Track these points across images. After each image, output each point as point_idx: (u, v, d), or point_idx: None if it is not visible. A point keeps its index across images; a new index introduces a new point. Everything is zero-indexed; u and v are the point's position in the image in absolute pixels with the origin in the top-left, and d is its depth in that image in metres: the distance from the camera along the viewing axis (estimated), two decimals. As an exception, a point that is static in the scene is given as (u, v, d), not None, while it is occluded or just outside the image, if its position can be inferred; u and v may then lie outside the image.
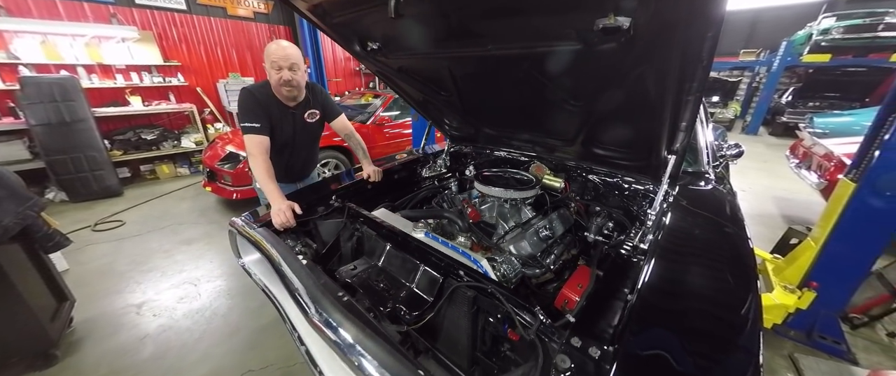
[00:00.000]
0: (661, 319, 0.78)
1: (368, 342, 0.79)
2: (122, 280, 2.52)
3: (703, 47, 0.62)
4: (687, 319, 0.78)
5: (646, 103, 0.93)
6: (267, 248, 1.21)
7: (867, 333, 2.05)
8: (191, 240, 3.10)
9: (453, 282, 1.01)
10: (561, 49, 0.85)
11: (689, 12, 0.58)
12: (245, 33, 5.71)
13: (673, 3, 0.60)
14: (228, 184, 3.45)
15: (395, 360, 0.72)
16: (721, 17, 0.54)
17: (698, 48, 0.63)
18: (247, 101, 1.58)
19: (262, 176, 1.48)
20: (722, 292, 0.87)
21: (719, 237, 1.14)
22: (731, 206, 1.35)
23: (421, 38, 1.09)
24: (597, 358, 0.71)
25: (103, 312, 2.18)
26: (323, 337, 0.91)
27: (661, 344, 0.72)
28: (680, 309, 0.80)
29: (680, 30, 0.63)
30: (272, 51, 1.50)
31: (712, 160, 1.83)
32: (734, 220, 1.24)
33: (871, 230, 1.69)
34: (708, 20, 0.57)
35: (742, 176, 4.80)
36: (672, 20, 0.62)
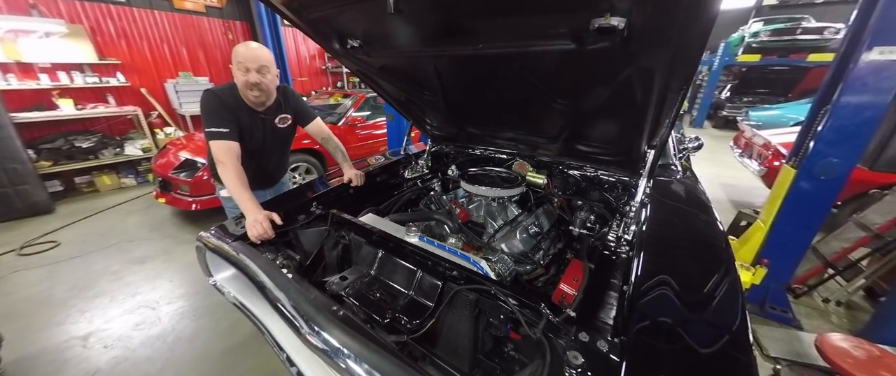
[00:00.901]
0: (658, 308, 0.81)
1: (372, 356, 0.74)
2: (62, 309, 2.20)
3: (695, 45, 0.65)
4: (681, 305, 0.82)
5: (632, 100, 0.96)
6: (245, 264, 1.10)
7: (807, 301, 2.33)
8: (144, 259, 2.79)
9: (453, 286, 0.98)
10: (553, 48, 0.86)
11: (685, 13, 0.61)
12: (196, 29, 5.24)
13: (669, 5, 0.62)
14: (186, 194, 3.15)
15: (404, 373, 0.68)
16: (715, 15, 0.57)
17: (690, 46, 0.66)
18: (212, 104, 1.44)
19: (234, 184, 1.36)
20: (707, 275, 0.93)
21: (695, 224, 1.22)
22: (699, 195, 1.46)
23: (410, 35, 1.06)
24: (605, 351, 0.73)
25: (42, 349, 1.89)
26: (319, 355, 0.85)
27: (663, 332, 0.75)
28: (673, 295, 0.84)
29: (674, 29, 0.65)
30: (240, 52, 1.39)
31: (676, 152, 1.98)
32: (704, 208, 1.34)
33: (810, 210, 1.91)
34: (703, 20, 0.60)
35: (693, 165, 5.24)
36: (666, 21, 0.65)
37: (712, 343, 0.71)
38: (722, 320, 0.78)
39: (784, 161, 2.09)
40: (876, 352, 1.40)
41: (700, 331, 0.75)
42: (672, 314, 0.79)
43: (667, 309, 0.81)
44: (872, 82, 1.61)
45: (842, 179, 1.78)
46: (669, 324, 0.76)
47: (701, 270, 0.95)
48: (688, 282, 0.89)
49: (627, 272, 1.03)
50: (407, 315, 0.99)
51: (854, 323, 2.17)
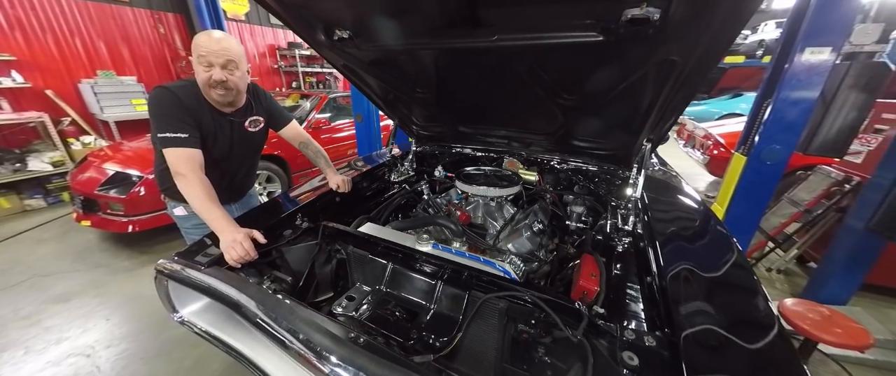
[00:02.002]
0: (691, 298, 0.82)
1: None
2: (-49, 372, 1.73)
3: (727, 38, 0.66)
4: (709, 294, 0.84)
5: (642, 95, 0.98)
6: (228, 296, 0.93)
7: (754, 271, 2.63)
8: (67, 296, 2.31)
9: (479, 295, 0.92)
10: (576, 41, 0.83)
11: (727, 9, 0.61)
12: (118, 20, 4.51)
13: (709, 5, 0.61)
14: (119, 213, 2.67)
15: None
16: (755, 9, 0.58)
17: (721, 40, 0.67)
18: (166, 105, 1.20)
19: (200, 200, 1.14)
20: (719, 261, 0.96)
21: (688, 211, 1.29)
22: (682, 184, 1.56)
23: (414, 26, 0.96)
24: (656, 347, 0.71)
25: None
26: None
27: (702, 320, 0.75)
28: (700, 285, 0.86)
29: (711, 22, 0.66)
30: (201, 43, 1.16)
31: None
32: (690, 195, 1.42)
33: (760, 190, 2.15)
34: (741, 12, 0.60)
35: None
36: (706, 13, 0.65)
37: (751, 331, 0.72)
38: (748, 306, 0.81)
39: (735, 150, 2.34)
40: (826, 312, 1.61)
41: (734, 319, 0.77)
42: (705, 304, 0.80)
43: (698, 299, 0.82)
44: (805, 78, 1.85)
45: (784, 163, 2.03)
46: (709, 314, 0.76)
47: (712, 257, 0.99)
48: (706, 270, 0.92)
49: (644, 263, 1.05)
50: (433, 332, 0.90)
51: (792, 286, 2.50)
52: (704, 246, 1.08)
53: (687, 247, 1.04)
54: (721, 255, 1.00)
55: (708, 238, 1.13)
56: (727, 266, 0.94)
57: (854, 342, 1.48)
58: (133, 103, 4.43)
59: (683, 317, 0.75)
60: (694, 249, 1.05)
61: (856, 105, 1.86)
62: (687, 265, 0.91)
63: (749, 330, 0.73)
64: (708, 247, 1.07)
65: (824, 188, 2.44)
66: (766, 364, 0.66)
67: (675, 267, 0.90)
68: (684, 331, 0.71)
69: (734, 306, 0.82)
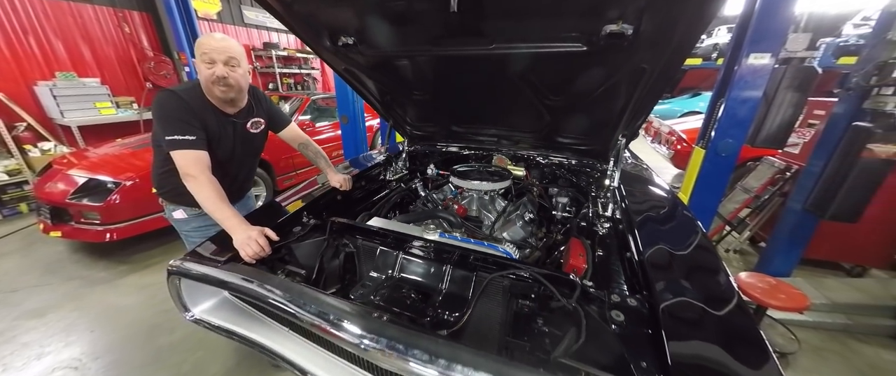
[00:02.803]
0: (663, 267, 0.97)
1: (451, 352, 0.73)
2: (-81, 395, 1.61)
3: (687, 47, 0.81)
4: (678, 263, 1.00)
5: (619, 95, 1.13)
6: (252, 287, 0.98)
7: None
8: (42, 311, 2.19)
9: (485, 275, 1.03)
10: (563, 50, 0.96)
11: (687, 21, 0.76)
12: (78, 19, 4.24)
13: (674, 16, 0.76)
14: (95, 222, 2.55)
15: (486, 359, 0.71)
16: (711, 19, 0.73)
17: (683, 48, 0.82)
18: (173, 107, 1.22)
19: (212, 200, 1.18)
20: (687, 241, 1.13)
21: (659, 198, 1.47)
22: (652, 175, 1.75)
23: (418, 34, 1.06)
24: (637, 306, 0.85)
25: None
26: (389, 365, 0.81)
27: (672, 286, 0.90)
28: (670, 256, 1.02)
29: (674, 34, 0.80)
30: (204, 42, 1.20)
31: (623, 141, 2.32)
32: (660, 185, 1.61)
33: (717, 180, 2.42)
34: (696, 28, 0.75)
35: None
36: (669, 28, 0.79)
37: (713, 293, 0.88)
38: (711, 274, 0.97)
39: (695, 144, 2.60)
40: (773, 282, 1.87)
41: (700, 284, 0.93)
42: (675, 273, 0.95)
43: (669, 270, 0.97)
44: (750, 80, 2.12)
45: (736, 155, 2.31)
46: (679, 281, 0.91)
47: (680, 236, 1.16)
48: (675, 247, 1.08)
49: (623, 243, 1.20)
50: (445, 310, 1.00)
51: (746, 264, 2.81)
52: (673, 227, 1.25)
53: (659, 229, 1.20)
54: (688, 235, 1.17)
55: (676, 221, 1.30)
56: (693, 243, 1.11)
57: (795, 305, 1.73)
58: (97, 106, 4.19)
59: (658, 283, 0.89)
60: (665, 230, 1.21)
61: (792, 103, 2.16)
62: (659, 243, 1.07)
63: (712, 293, 0.89)
64: (676, 228, 1.24)
65: (770, 176, 2.78)
66: (726, 316, 0.82)
67: (650, 244, 1.06)
68: (659, 294, 0.86)
69: (699, 274, 0.98)
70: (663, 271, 0.95)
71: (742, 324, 0.80)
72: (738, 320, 0.81)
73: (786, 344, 1.87)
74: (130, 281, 2.51)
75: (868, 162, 1.82)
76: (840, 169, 1.91)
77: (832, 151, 1.98)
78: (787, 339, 1.90)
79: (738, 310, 0.83)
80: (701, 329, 0.78)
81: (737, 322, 0.81)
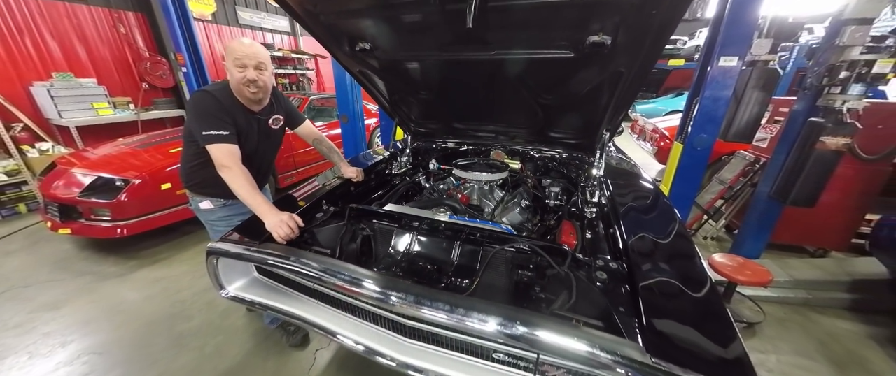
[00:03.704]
0: (639, 240, 1.15)
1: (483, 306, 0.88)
2: (-49, 381, 1.69)
3: (654, 55, 0.99)
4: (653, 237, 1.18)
5: (602, 95, 1.31)
6: (290, 262, 1.11)
7: (694, 240, 3.18)
8: (56, 304, 2.27)
9: (491, 249, 1.20)
10: (554, 56, 1.14)
11: (653, 33, 0.94)
12: (73, 19, 4.25)
13: (642, 29, 0.94)
14: (106, 218, 2.63)
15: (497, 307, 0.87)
16: (672, 32, 0.91)
17: (651, 56, 1.00)
18: (209, 106, 1.34)
19: (245, 188, 1.31)
20: (660, 217, 1.32)
21: (640, 188, 1.66)
22: (634, 167, 1.95)
23: (429, 41, 1.22)
24: (617, 268, 1.04)
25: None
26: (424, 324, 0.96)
27: (646, 254, 1.08)
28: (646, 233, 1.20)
29: (643, 45, 0.98)
30: (236, 48, 1.33)
31: (608, 136, 2.52)
32: (642, 177, 1.80)
33: (693, 172, 2.64)
34: (661, 39, 0.93)
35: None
36: (639, 40, 0.97)
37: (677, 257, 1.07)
38: (678, 241, 1.16)
39: (675, 139, 2.83)
40: (741, 261, 2.09)
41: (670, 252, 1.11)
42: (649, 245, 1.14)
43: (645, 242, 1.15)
44: (721, 80, 2.34)
45: (710, 148, 2.53)
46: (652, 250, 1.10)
47: (656, 217, 1.35)
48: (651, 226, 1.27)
49: (607, 223, 1.39)
50: (457, 278, 1.16)
51: (722, 250, 3.05)
52: (650, 209, 1.44)
53: (638, 211, 1.39)
54: (663, 216, 1.36)
55: (652, 204, 1.49)
56: (667, 222, 1.30)
57: (759, 279, 1.96)
58: (95, 107, 4.21)
59: (634, 252, 1.08)
60: (643, 212, 1.40)
61: (758, 101, 2.39)
62: (637, 221, 1.25)
63: (678, 254, 1.08)
64: (653, 210, 1.43)
65: (741, 168, 3.03)
66: (685, 270, 1.00)
67: (629, 223, 1.24)
68: (634, 257, 1.04)
69: (669, 243, 1.17)
70: (638, 243, 1.13)
71: (698, 276, 0.99)
72: (695, 272, 1.00)
73: (753, 315, 2.09)
74: (141, 275, 2.60)
75: (821, 153, 2.06)
76: (798, 159, 2.15)
77: (792, 144, 2.22)
78: (754, 312, 2.13)
79: (695, 266, 1.02)
80: (667, 286, 0.96)
81: (694, 273, 1.00)
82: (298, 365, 1.78)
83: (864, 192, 2.56)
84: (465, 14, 0.94)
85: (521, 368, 0.96)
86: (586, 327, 0.85)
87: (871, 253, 2.18)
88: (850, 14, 1.88)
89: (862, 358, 1.90)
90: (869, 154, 2.30)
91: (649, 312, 0.85)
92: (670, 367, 0.71)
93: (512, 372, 0.97)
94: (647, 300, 0.88)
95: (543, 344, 0.81)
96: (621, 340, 0.79)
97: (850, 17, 1.88)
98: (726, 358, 0.74)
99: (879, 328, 2.08)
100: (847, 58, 1.91)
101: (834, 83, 1.96)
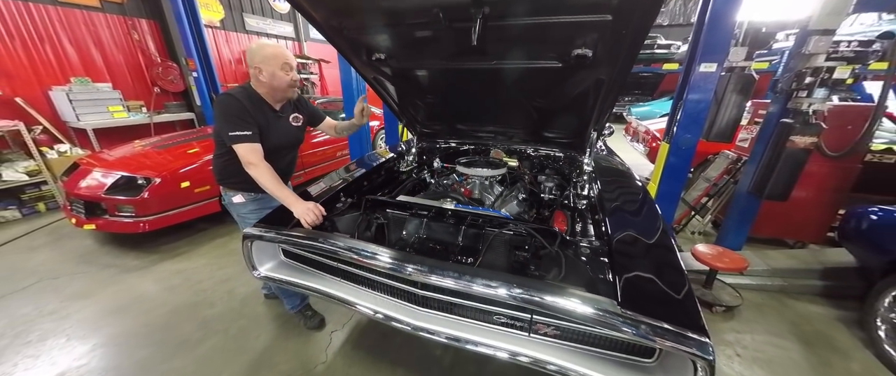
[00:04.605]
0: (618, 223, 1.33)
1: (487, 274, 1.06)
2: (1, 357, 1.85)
3: (628, 65, 1.18)
4: (630, 221, 1.37)
5: (587, 99, 1.50)
6: (319, 243, 1.29)
7: (683, 235, 3.37)
8: (87, 294, 2.43)
9: (491, 232, 1.38)
10: (545, 65, 1.33)
11: (626, 47, 1.13)
12: (90, 27, 4.43)
13: (617, 44, 1.13)
14: (130, 214, 2.80)
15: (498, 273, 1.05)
16: (640, 48, 1.10)
17: (626, 66, 1.19)
18: (234, 108, 1.52)
19: (272, 181, 1.49)
20: (639, 208, 1.51)
21: (626, 184, 1.85)
22: (622, 164, 2.14)
23: (437, 52, 1.41)
24: (599, 245, 1.22)
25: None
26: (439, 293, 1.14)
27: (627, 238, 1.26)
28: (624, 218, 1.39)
29: (618, 58, 1.18)
30: (280, 53, 1.50)
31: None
32: (628, 173, 1.99)
33: (679, 170, 2.84)
34: (634, 51, 1.12)
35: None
36: (615, 53, 1.17)
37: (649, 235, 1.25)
38: (653, 228, 1.34)
39: (661, 140, 3.03)
40: (720, 249, 2.28)
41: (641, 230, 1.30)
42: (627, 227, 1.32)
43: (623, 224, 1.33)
44: (702, 85, 2.54)
45: (693, 148, 2.72)
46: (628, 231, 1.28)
47: (636, 206, 1.53)
48: (630, 211, 1.45)
49: (593, 211, 1.57)
50: (462, 256, 1.35)
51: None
52: (631, 199, 1.62)
53: (621, 200, 1.57)
54: (641, 203, 1.55)
55: (633, 194, 1.68)
56: (643, 207, 1.49)
57: (736, 266, 2.15)
58: (110, 110, 4.39)
59: (613, 232, 1.26)
60: (625, 201, 1.59)
61: (736, 104, 2.60)
62: (619, 209, 1.44)
63: (648, 232, 1.26)
64: (633, 199, 1.61)
65: (725, 166, 3.23)
66: (654, 247, 1.19)
67: (611, 210, 1.42)
68: (613, 237, 1.22)
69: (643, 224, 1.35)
70: (617, 226, 1.31)
71: (663, 243, 1.17)
72: (661, 242, 1.19)
73: (731, 300, 2.28)
74: (163, 267, 2.77)
75: (791, 151, 2.25)
76: (772, 157, 2.35)
77: (766, 143, 2.42)
78: (733, 297, 2.31)
79: (661, 238, 1.20)
80: (637, 254, 1.15)
81: (659, 242, 1.18)
82: (316, 344, 1.95)
83: (837, 189, 2.76)
84: (471, 32, 1.13)
85: (517, 328, 1.14)
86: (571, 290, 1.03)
87: (841, 243, 2.37)
88: (813, 25, 2.08)
89: (829, 337, 2.09)
90: (837, 152, 2.50)
91: (620, 275, 1.03)
92: (635, 315, 0.89)
93: (510, 332, 1.15)
94: (619, 266, 1.06)
95: (536, 304, 0.99)
96: (598, 297, 0.97)
97: (813, 28, 2.09)
98: (678, 302, 0.93)
99: (848, 311, 2.27)
100: (812, 65, 2.12)
101: (800, 87, 2.16)
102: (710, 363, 0.81)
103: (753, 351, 1.97)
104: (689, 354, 0.82)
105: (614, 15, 1.00)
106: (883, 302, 1.92)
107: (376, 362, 1.83)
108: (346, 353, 1.90)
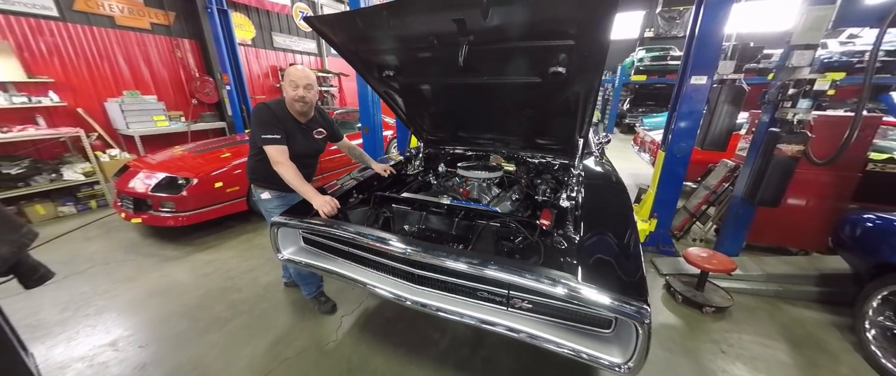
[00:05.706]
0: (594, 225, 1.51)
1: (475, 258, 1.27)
2: (65, 327, 2.18)
3: (596, 81, 1.39)
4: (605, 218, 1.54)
5: (569, 109, 1.71)
6: (334, 230, 1.53)
7: (683, 240, 3.43)
8: (132, 278, 2.77)
9: (481, 224, 1.59)
10: (527, 81, 1.55)
11: (591, 67, 1.34)
12: (141, 46, 5.02)
13: (582, 68, 1.34)
14: (171, 210, 3.17)
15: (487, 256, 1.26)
16: (603, 69, 1.30)
17: (593, 79, 1.40)
18: (266, 116, 1.80)
19: (296, 178, 1.76)
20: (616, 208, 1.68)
21: (611, 188, 2.01)
22: (611, 170, 2.30)
23: (437, 70, 1.66)
24: (572, 236, 1.41)
25: (68, 357, 1.93)
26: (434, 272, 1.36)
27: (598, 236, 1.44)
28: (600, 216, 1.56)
29: (586, 76, 1.38)
30: (293, 72, 1.78)
31: (594, 143, 2.88)
32: (615, 178, 2.16)
33: (674, 176, 2.95)
34: (598, 71, 1.33)
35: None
36: (582, 71, 1.38)
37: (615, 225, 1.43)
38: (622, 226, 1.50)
39: (659, 148, 3.15)
40: (710, 252, 2.38)
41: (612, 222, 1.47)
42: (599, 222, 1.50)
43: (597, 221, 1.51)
44: (694, 96, 2.68)
45: (688, 155, 2.85)
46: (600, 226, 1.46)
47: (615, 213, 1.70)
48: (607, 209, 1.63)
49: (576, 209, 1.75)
50: (455, 244, 1.56)
51: (709, 251, 3.29)
52: (610, 201, 1.79)
53: (601, 201, 1.75)
54: (618, 200, 1.72)
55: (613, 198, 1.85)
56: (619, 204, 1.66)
57: (724, 267, 2.24)
58: (154, 119, 4.91)
59: (588, 226, 1.44)
60: (604, 202, 1.76)
61: (728, 114, 2.71)
62: (597, 208, 1.62)
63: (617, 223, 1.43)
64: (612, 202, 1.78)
65: (724, 175, 3.30)
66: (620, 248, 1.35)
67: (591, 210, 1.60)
68: (587, 231, 1.40)
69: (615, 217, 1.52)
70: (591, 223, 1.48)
71: (625, 231, 1.35)
72: (624, 230, 1.36)
73: (722, 301, 2.35)
74: (196, 257, 3.10)
75: (779, 158, 2.35)
76: (762, 165, 2.45)
77: (757, 152, 2.52)
78: (724, 299, 2.39)
79: (626, 227, 1.38)
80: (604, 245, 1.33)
81: (623, 231, 1.36)
82: (329, 326, 2.18)
83: (837, 198, 2.80)
84: (458, 55, 1.37)
85: (497, 303, 1.33)
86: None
87: (834, 249, 2.41)
88: (795, 41, 2.22)
89: (820, 340, 2.13)
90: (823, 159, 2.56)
91: (585, 259, 1.21)
92: (589, 285, 1.07)
93: (491, 306, 1.34)
94: (586, 253, 1.24)
95: (510, 281, 1.18)
96: (563, 274, 1.15)
97: (795, 43, 2.22)
98: (631, 279, 1.10)
99: (842, 317, 2.30)
100: (795, 77, 2.24)
101: (786, 98, 2.28)
102: (646, 326, 0.98)
103: (739, 348, 2.04)
104: (629, 318, 1.00)
105: (576, 40, 1.21)
106: (871, 304, 1.97)
107: (381, 343, 2.04)
108: (354, 334, 2.12)
